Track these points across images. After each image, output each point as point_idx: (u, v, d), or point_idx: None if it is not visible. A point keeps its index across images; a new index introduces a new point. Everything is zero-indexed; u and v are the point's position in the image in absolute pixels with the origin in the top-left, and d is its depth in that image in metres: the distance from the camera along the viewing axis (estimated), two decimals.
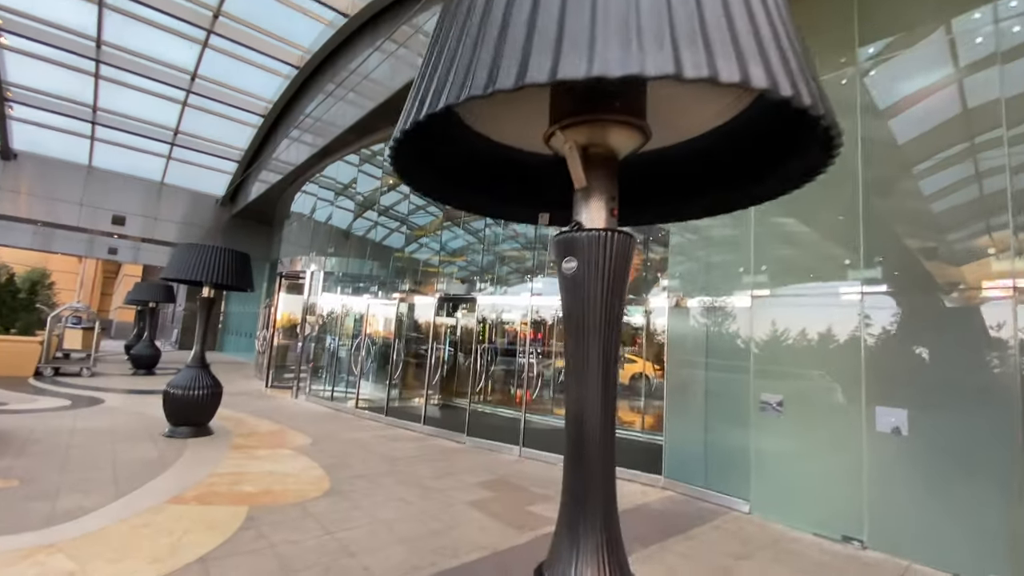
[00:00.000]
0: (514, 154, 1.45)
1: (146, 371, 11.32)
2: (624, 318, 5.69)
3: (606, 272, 1.07)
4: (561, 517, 1.16)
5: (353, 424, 6.96)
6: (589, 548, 1.07)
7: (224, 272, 5.52)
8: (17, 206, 13.15)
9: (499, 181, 1.55)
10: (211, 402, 5.63)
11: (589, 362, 1.09)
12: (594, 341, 1.09)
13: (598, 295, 1.08)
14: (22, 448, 4.52)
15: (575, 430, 1.11)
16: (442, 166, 1.40)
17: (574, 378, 1.12)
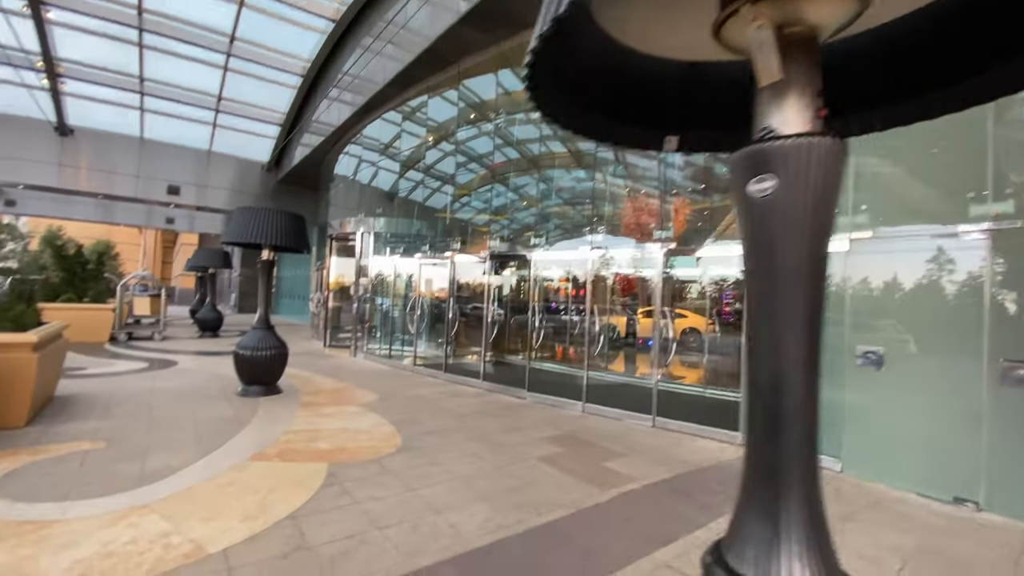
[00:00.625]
0: (647, 68, 1.20)
1: (211, 333, 11.89)
2: (671, 270, 5.28)
3: (814, 191, 0.83)
4: (747, 495, 0.97)
5: (413, 381, 7.05)
6: (790, 531, 0.88)
7: (281, 234, 5.52)
8: (78, 180, 13.74)
9: (625, 103, 1.30)
10: (278, 362, 5.77)
11: (791, 313, 0.87)
12: (797, 286, 0.86)
13: (804, 223, 0.84)
14: (107, 410, 4.77)
15: (771, 398, 0.90)
16: (570, 86, 1.17)
17: (767, 332, 0.90)
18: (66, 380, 5.91)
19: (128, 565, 2.17)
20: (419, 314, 7.88)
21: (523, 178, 8.15)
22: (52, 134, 13.12)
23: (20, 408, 4.01)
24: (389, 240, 9.81)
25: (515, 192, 8.22)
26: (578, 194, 7.73)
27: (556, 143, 7.58)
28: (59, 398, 5.12)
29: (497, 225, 8.13)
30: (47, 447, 3.62)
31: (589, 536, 2.66)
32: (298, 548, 2.39)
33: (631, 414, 5.17)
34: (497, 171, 8.08)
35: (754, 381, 0.96)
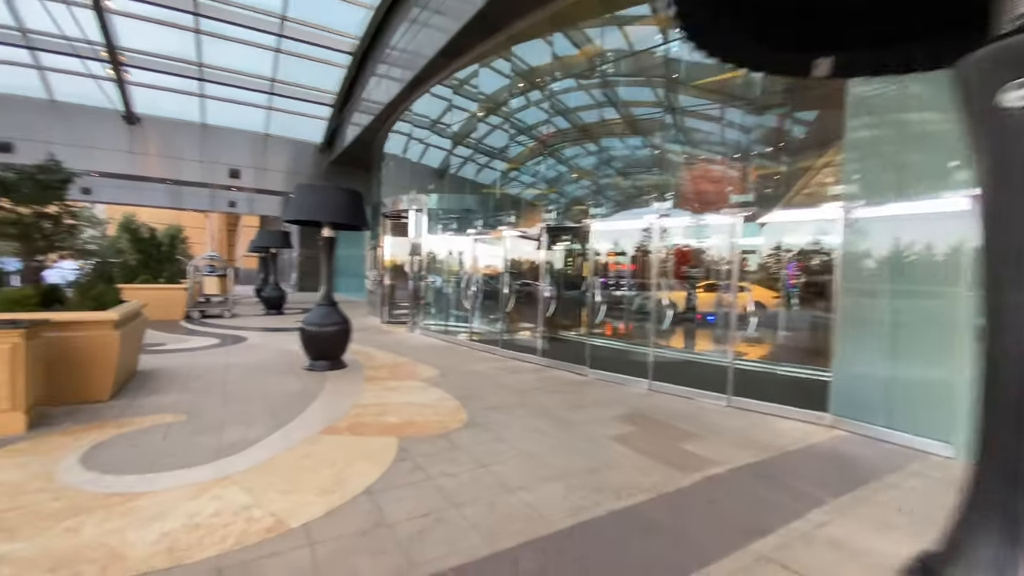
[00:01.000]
0: None
1: (276, 311, 12.40)
2: (740, 239, 4.78)
3: None
4: (978, 504, 0.75)
5: (470, 356, 7.02)
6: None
7: (340, 211, 5.52)
8: (147, 167, 14.52)
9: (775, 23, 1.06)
10: (342, 337, 5.86)
11: None
12: None
13: None
14: (185, 384, 4.98)
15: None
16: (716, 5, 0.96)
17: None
18: (147, 356, 6.27)
19: (214, 538, 2.19)
20: (473, 290, 7.81)
21: (576, 148, 7.80)
22: (121, 123, 13.89)
23: (104, 383, 4.23)
24: (441, 217, 9.75)
25: (568, 163, 7.90)
26: (634, 163, 7.31)
27: (611, 110, 7.17)
28: (141, 372, 5.42)
29: (549, 198, 7.87)
30: (132, 420, 3.80)
31: (676, 523, 2.47)
32: (377, 525, 2.35)
33: (702, 392, 4.88)
34: (549, 142, 7.77)
35: (996, 363, 0.72)
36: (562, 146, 7.80)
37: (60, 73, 12.51)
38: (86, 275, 4.53)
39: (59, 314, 4.03)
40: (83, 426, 3.61)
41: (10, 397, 3.38)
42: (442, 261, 9.76)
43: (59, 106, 13.27)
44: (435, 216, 9.60)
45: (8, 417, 3.38)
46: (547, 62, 7.62)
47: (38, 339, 3.67)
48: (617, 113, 7.07)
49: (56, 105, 13.24)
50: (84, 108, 13.54)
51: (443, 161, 10.23)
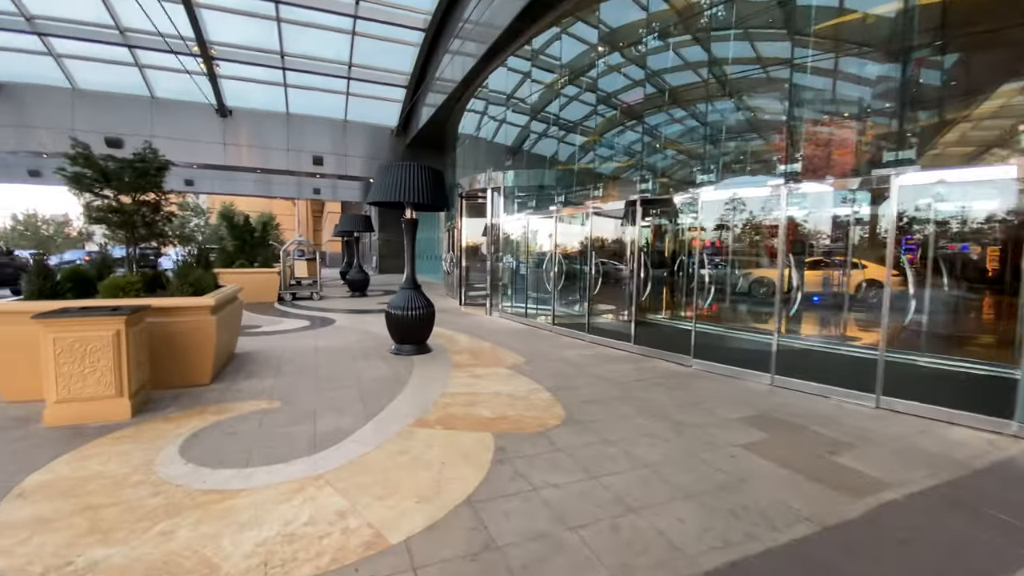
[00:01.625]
0: None
1: (360, 293, 12.73)
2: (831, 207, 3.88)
3: None
4: None
5: (555, 342, 6.62)
6: None
7: (423, 191, 5.26)
8: (240, 157, 15.36)
9: None
10: (427, 321, 5.67)
11: None
12: None
13: None
14: (279, 368, 5.00)
15: None
16: None
17: None
18: (244, 338, 6.49)
19: (309, 553, 1.95)
20: (555, 271, 7.35)
21: (667, 114, 7.01)
22: (215, 116, 14.73)
23: (204, 367, 4.28)
24: (518, 196, 9.34)
25: (656, 132, 7.14)
26: (735, 128, 6.41)
27: (708, 69, 6.30)
28: (239, 355, 5.55)
29: (636, 170, 7.18)
30: (231, 405, 3.79)
31: (863, 573, 1.92)
32: (486, 547, 2.01)
33: (840, 390, 4.13)
34: (634, 110, 7.05)
35: None
36: (651, 113, 7.05)
37: (158, 70, 13.41)
38: (182, 261, 4.59)
39: (158, 299, 4.10)
40: (184, 412, 3.63)
41: (115, 383, 3.44)
42: (520, 241, 9.38)
43: (160, 102, 14.31)
44: (512, 195, 9.21)
45: (114, 404, 3.44)
46: (636, 19, 6.85)
47: (140, 325, 3.72)
48: (716, 73, 6.21)
49: (157, 102, 14.29)
50: (182, 103, 14.49)
51: (517, 138, 9.76)
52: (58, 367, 3.32)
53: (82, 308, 3.60)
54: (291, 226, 49.14)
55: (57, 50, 12.25)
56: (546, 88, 8.83)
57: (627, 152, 7.20)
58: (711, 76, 5.97)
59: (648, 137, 6.94)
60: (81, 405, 3.39)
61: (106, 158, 4.51)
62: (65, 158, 4.32)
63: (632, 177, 6.96)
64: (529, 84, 9.43)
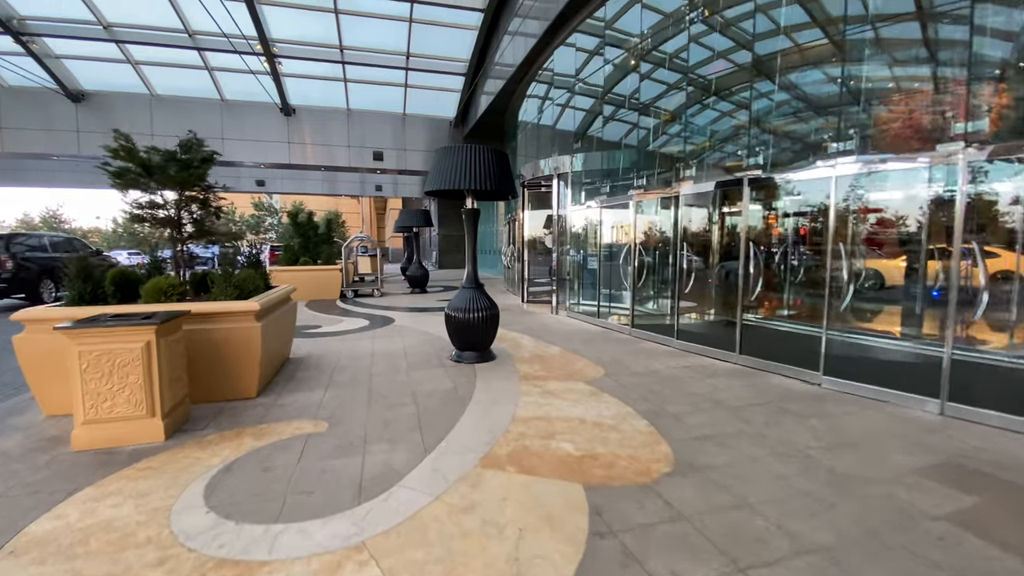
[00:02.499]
0: None
1: (419, 289, 12.38)
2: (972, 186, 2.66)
3: None
4: None
5: (636, 348, 5.75)
6: None
7: (487, 175, 4.57)
8: (304, 155, 15.49)
9: None
10: (490, 325, 5.00)
11: None
12: None
13: None
14: (331, 377, 4.52)
15: None
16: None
17: None
18: (302, 339, 6.13)
19: None
20: (635, 266, 6.44)
21: (758, 87, 5.91)
22: (279, 115, 14.90)
23: (250, 379, 3.84)
24: (586, 183, 8.47)
25: (745, 106, 6.04)
26: (829, 96, 5.21)
27: (806, 32, 5.15)
28: (293, 360, 5.16)
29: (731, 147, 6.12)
30: (273, 427, 3.29)
31: None
32: None
33: None
34: (718, 84, 6.00)
35: None
36: (736, 87, 5.98)
37: (225, 72, 13.66)
38: (225, 261, 4.18)
39: (198, 304, 3.69)
40: (221, 434, 3.17)
41: (146, 402, 3.01)
42: (589, 233, 8.53)
43: (229, 104, 14.65)
44: (579, 182, 8.34)
45: (145, 425, 3.02)
46: None
47: (176, 334, 3.29)
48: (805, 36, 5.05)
49: (227, 104, 14.63)
50: (249, 104, 14.77)
51: (583, 123, 8.86)
52: (84, 384, 2.93)
53: (115, 316, 3.22)
54: (357, 224, 50.75)
55: (135, 57, 12.74)
56: (618, 64, 7.88)
57: (718, 130, 6.14)
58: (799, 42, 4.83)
59: (762, 103, 5.87)
60: (110, 427, 2.99)
61: (149, 150, 4.15)
62: (106, 151, 3.98)
63: (732, 153, 5.92)
64: (597, 62, 8.51)
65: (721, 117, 6.09)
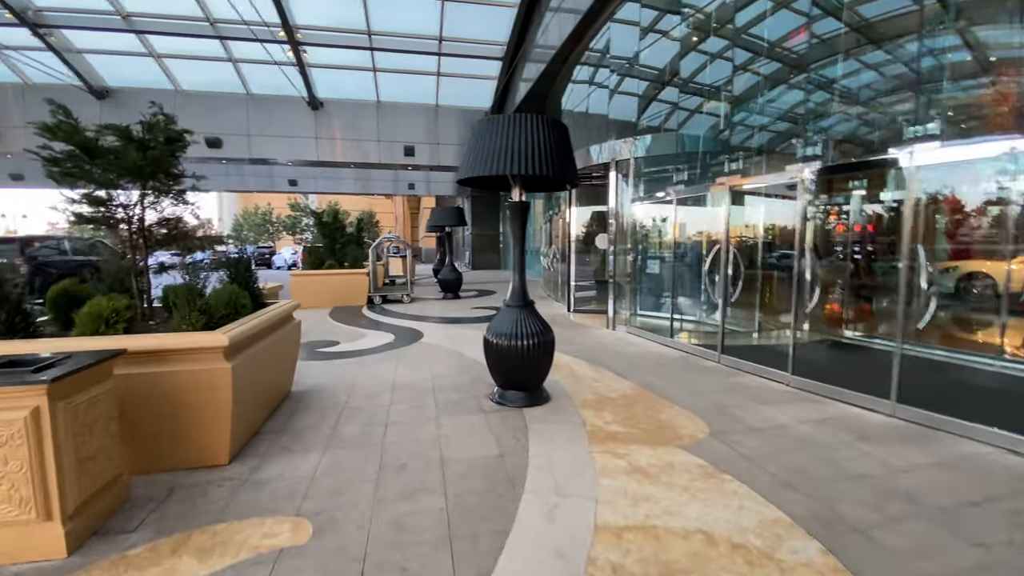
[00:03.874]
0: None
1: (452, 294, 11.29)
2: None
3: None
4: None
5: (734, 384, 4.41)
6: None
7: (541, 156, 3.34)
8: (333, 152, 14.66)
9: None
10: (543, 356, 3.78)
11: None
12: None
13: None
14: (335, 428, 3.41)
15: None
16: None
17: None
18: (312, 363, 5.08)
19: None
20: (728, 274, 5.06)
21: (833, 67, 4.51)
22: (307, 110, 14.11)
23: (217, 440, 2.76)
24: (651, 174, 7.11)
25: (825, 87, 4.61)
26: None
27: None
28: (295, 395, 4.09)
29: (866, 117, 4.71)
30: (232, 529, 2.17)
31: None
32: None
33: None
34: (803, 58, 4.60)
35: None
36: (822, 64, 4.58)
37: (250, 64, 12.95)
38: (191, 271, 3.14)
39: (136, 339, 2.61)
40: (154, 545, 2.07)
41: (36, 499, 1.95)
42: (652, 232, 7.18)
43: (255, 99, 13.95)
44: (640, 173, 6.98)
45: (36, 534, 1.96)
46: None
47: (94, 390, 2.22)
48: None
49: (253, 98, 13.94)
50: (275, 98, 14.04)
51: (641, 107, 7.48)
52: None
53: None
54: (391, 224, 50.54)
55: (157, 50, 12.16)
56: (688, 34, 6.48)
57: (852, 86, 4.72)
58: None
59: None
60: None
61: (101, 129, 3.13)
62: (37, 129, 2.96)
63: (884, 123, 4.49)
64: (652, 42, 7.13)
65: (857, 74, 4.65)
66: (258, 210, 44.08)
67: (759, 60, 5.52)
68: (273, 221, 44.16)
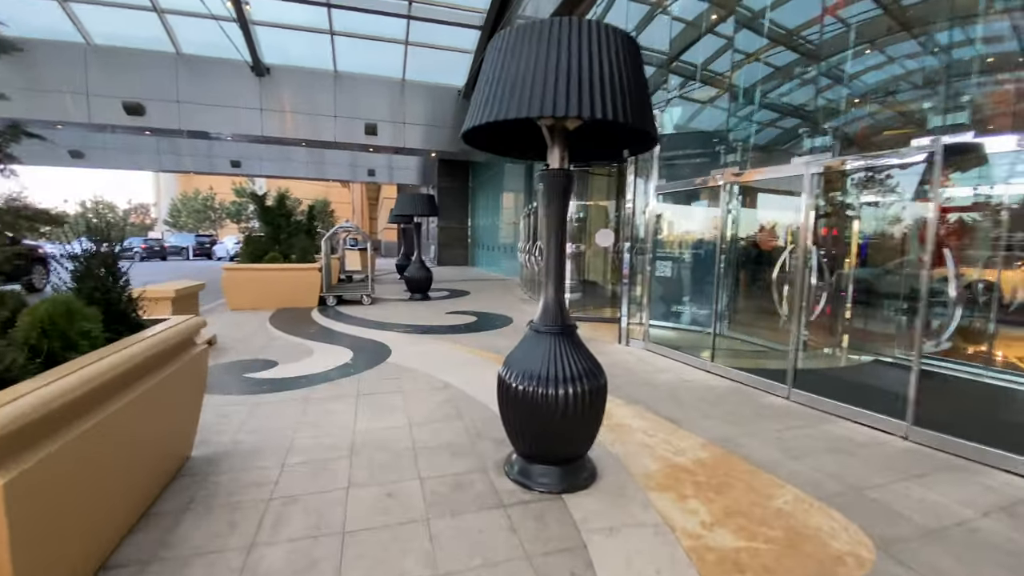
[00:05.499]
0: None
1: (421, 295, 9.78)
2: None
3: None
4: None
5: (832, 436, 3.24)
6: None
7: (610, 90, 1.98)
8: (284, 127, 12.73)
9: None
10: (593, 413, 2.44)
11: None
12: None
13: None
14: (250, 549, 1.96)
15: None
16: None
17: None
18: (234, 399, 3.51)
19: None
20: (803, 285, 3.86)
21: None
22: (250, 76, 12.11)
23: None
24: (673, 157, 5.89)
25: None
26: None
27: None
28: (196, 463, 2.59)
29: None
30: None
31: None
32: None
33: None
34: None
35: None
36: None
37: (181, 16, 10.89)
38: None
39: None
40: None
41: None
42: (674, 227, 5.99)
43: (187, 60, 11.80)
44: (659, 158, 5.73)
45: None
46: None
47: None
48: None
49: (184, 59, 11.80)
50: (212, 61, 11.94)
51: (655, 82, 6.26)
52: None
53: None
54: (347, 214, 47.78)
55: None
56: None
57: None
58: None
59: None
60: None
61: None
62: None
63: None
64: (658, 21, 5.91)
65: None
66: (199, 195, 40.44)
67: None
68: (216, 207, 40.66)
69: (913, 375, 3.15)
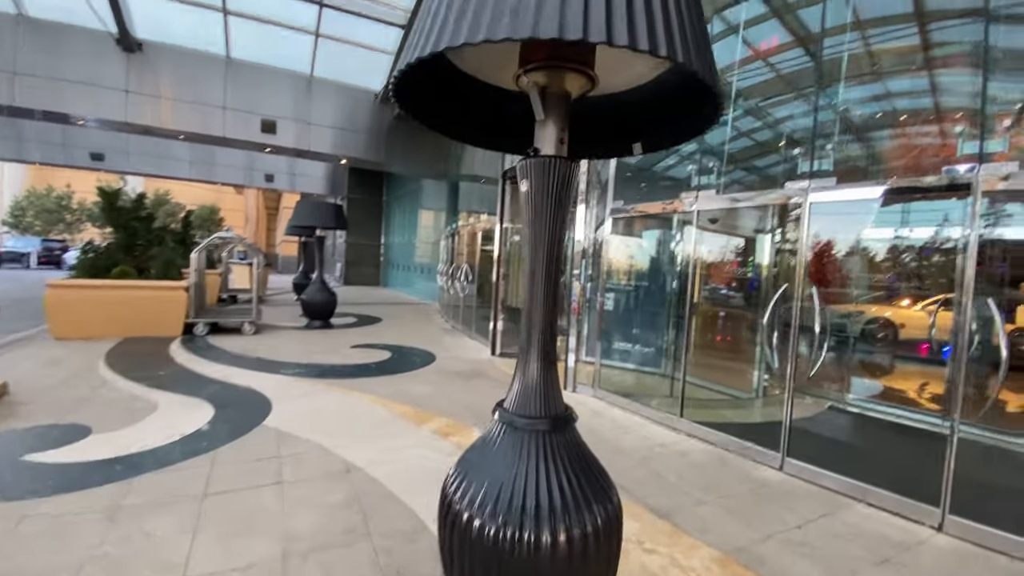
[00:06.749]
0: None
1: (322, 323, 8.25)
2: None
3: None
4: None
5: (848, 529, 2.54)
6: None
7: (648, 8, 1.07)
8: (159, 115, 10.55)
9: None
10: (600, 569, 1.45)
11: None
12: None
13: None
14: None
15: None
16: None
17: None
18: None
19: None
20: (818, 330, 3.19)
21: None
22: (116, 50, 9.91)
23: None
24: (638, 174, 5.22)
25: None
26: None
27: None
28: None
29: None
30: None
31: None
32: None
33: None
34: None
35: None
36: None
37: None
38: None
39: None
40: None
41: None
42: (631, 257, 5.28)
43: (32, 24, 9.31)
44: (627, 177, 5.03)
45: None
46: None
47: None
48: None
49: (27, 22, 9.30)
50: (66, 28, 9.56)
51: None
52: None
53: None
54: (239, 223, 43.18)
55: None
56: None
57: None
58: None
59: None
60: None
61: None
62: None
63: None
64: None
65: None
66: (51, 192, 34.10)
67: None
68: (73, 208, 34.52)
69: (950, 447, 2.55)
